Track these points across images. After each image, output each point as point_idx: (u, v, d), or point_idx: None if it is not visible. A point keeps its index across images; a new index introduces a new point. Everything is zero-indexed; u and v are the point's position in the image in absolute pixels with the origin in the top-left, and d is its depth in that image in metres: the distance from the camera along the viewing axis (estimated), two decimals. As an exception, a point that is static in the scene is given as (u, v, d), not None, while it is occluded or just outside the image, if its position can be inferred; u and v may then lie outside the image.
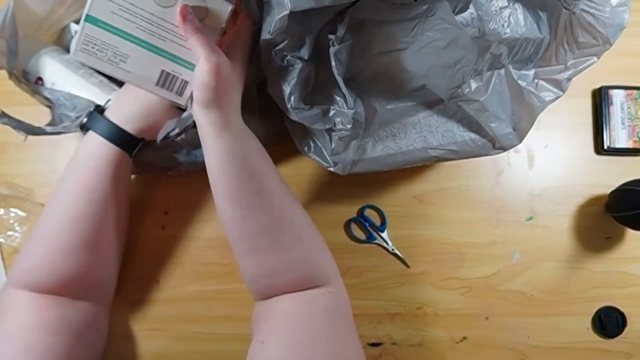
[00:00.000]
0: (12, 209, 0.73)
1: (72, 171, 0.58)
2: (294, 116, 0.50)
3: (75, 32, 0.69)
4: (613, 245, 0.76)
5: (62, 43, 0.70)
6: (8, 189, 0.73)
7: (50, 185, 0.74)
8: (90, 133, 0.57)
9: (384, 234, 0.74)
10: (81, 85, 0.65)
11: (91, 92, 0.64)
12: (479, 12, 0.53)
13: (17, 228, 0.73)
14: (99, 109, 0.59)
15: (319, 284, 0.56)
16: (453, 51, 0.52)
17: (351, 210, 0.76)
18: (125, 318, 0.73)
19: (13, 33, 0.57)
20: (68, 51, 0.69)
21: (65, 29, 0.70)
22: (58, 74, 0.65)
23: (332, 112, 0.53)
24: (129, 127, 0.57)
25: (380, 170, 0.59)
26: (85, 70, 0.66)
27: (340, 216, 0.75)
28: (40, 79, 0.66)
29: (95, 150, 0.57)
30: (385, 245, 0.74)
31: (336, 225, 0.75)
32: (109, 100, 0.62)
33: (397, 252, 0.74)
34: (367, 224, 0.75)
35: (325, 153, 0.54)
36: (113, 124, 0.57)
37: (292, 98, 0.49)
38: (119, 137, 0.57)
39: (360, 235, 0.75)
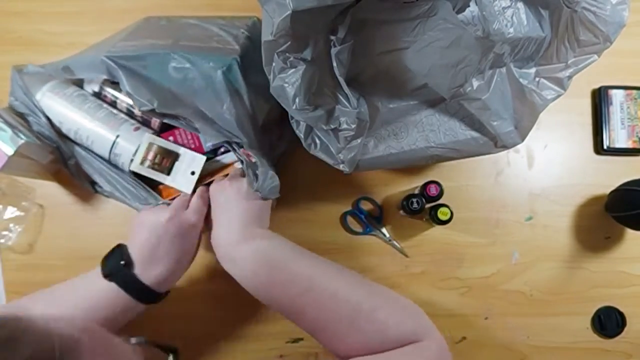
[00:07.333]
0: (10, 207, 0.72)
1: (79, 304, 0.56)
2: (298, 117, 0.50)
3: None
4: (612, 245, 0.76)
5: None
6: (9, 186, 0.72)
7: (53, 186, 0.73)
8: (114, 287, 0.56)
9: (383, 230, 0.74)
10: (88, 120, 0.63)
11: (99, 127, 0.63)
12: (484, 13, 0.53)
13: (12, 227, 0.72)
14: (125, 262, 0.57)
15: (406, 343, 0.54)
16: (456, 51, 0.52)
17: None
18: (124, 318, 0.73)
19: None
20: (70, 82, 0.66)
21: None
22: (63, 113, 0.63)
23: (336, 113, 0.53)
24: (159, 287, 0.58)
25: (382, 168, 0.59)
26: (91, 104, 0.64)
27: (337, 214, 0.75)
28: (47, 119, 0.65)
29: (115, 303, 0.56)
30: (382, 236, 0.74)
31: (333, 224, 0.75)
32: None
33: (394, 242, 0.74)
34: (363, 216, 0.74)
35: (332, 150, 0.54)
36: (144, 285, 0.57)
37: (297, 100, 0.49)
38: (146, 296, 0.58)
39: (357, 228, 0.75)
